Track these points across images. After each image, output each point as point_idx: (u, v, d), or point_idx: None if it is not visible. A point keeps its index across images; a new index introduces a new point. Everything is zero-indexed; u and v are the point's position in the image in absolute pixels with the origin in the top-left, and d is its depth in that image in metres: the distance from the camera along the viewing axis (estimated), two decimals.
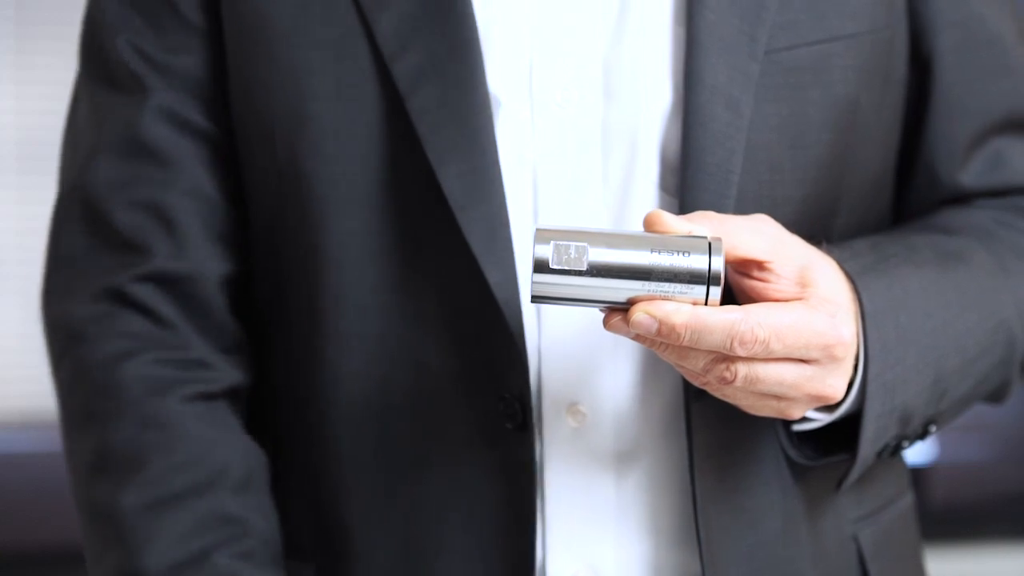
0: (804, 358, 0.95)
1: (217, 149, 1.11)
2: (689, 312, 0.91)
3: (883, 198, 1.16)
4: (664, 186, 1.05)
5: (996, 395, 1.14)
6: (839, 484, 1.07)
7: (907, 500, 1.21)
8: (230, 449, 1.08)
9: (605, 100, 1.05)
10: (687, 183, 1.02)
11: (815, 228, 1.06)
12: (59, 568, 2.58)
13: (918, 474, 2.64)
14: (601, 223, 1.05)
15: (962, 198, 1.16)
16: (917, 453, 2.62)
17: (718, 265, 0.91)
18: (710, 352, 0.93)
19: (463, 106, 1.02)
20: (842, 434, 1.05)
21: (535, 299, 0.93)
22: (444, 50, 1.03)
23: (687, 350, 0.93)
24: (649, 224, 0.93)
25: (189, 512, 1.05)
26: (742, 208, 1.01)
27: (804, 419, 1.05)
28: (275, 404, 1.14)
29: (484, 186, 1.02)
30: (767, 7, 1.05)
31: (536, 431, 1.04)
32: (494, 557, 1.04)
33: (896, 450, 1.08)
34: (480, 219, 1.02)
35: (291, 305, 1.10)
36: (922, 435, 1.09)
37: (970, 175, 1.15)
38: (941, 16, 1.13)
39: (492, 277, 1.01)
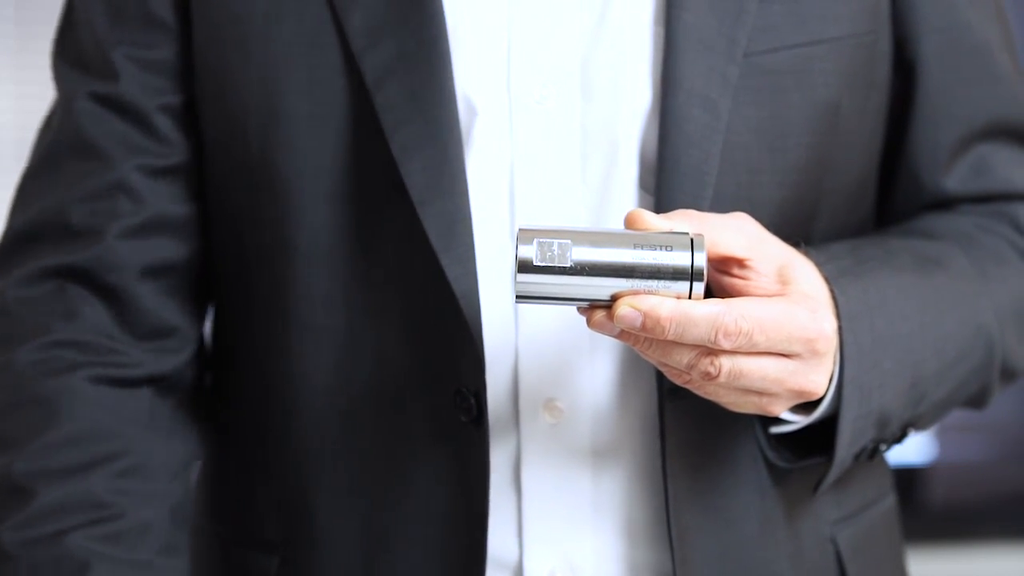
0: (786, 352, 0.96)
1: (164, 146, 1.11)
2: (673, 305, 0.92)
3: (865, 202, 1.16)
4: (644, 185, 1.05)
5: (976, 400, 1.14)
6: (816, 488, 1.07)
7: (888, 502, 1.21)
8: (128, 437, 1.07)
9: (583, 99, 1.05)
10: (663, 184, 1.03)
11: (795, 230, 1.06)
12: None
13: (918, 474, 2.64)
14: (580, 223, 1.05)
15: (945, 203, 1.17)
16: (917, 453, 2.62)
17: (701, 260, 0.92)
18: (694, 347, 0.94)
19: (429, 101, 1.03)
20: (820, 437, 1.05)
21: (519, 299, 0.93)
22: (412, 46, 1.04)
23: (671, 346, 0.94)
24: (630, 222, 0.94)
25: (56, 492, 1.04)
26: (720, 209, 1.00)
27: (782, 422, 1.05)
28: (240, 395, 1.14)
29: (446, 180, 1.02)
30: (747, 10, 1.05)
31: (488, 426, 1.03)
32: (448, 549, 1.05)
33: (874, 453, 1.08)
34: (440, 213, 1.02)
35: (255, 295, 1.11)
36: (899, 438, 1.09)
37: (953, 180, 1.16)
38: (926, 22, 1.13)
39: (451, 271, 1.01)
